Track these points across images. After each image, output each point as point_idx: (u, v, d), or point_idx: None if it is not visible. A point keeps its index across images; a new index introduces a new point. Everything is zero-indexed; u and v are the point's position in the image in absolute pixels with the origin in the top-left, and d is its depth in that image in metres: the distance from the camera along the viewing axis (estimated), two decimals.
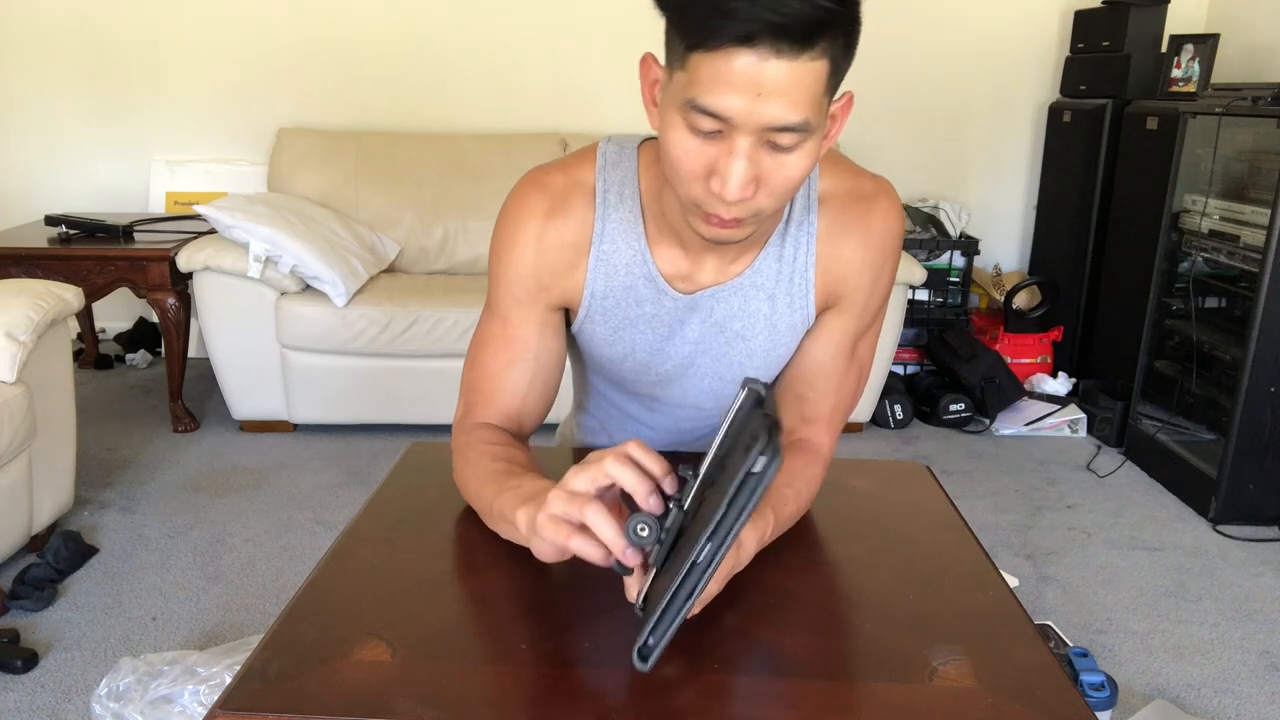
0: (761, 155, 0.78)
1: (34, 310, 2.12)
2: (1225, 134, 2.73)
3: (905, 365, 3.65)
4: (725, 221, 0.83)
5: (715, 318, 1.01)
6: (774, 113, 0.75)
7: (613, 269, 0.99)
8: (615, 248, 0.98)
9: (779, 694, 0.73)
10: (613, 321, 1.02)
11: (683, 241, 0.97)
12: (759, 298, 0.99)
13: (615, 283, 0.99)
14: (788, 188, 0.81)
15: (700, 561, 0.65)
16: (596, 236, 0.98)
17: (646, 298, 1.00)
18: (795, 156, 0.79)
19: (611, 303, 1.01)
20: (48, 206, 3.70)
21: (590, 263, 0.99)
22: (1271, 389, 2.53)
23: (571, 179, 0.98)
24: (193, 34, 3.65)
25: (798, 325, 1.02)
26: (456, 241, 3.44)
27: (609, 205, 0.98)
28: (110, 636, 1.99)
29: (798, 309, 1.00)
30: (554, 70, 3.73)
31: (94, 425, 3.11)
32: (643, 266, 0.99)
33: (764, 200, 0.81)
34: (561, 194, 0.98)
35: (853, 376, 1.05)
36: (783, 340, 1.02)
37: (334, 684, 0.73)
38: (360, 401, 3.02)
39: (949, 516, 1.06)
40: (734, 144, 0.77)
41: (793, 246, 0.98)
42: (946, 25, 3.74)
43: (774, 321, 1.01)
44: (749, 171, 0.78)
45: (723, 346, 1.02)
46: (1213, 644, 2.08)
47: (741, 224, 0.84)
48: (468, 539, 0.98)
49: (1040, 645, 0.81)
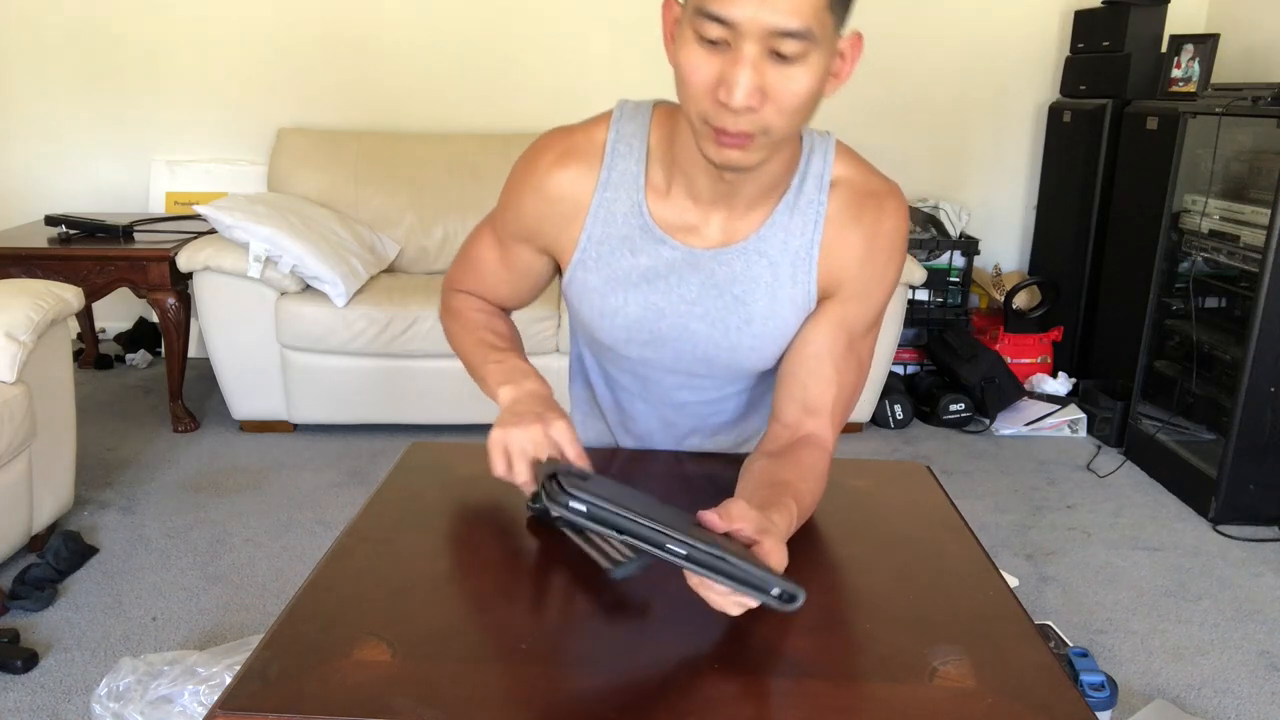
0: (766, 66, 0.81)
1: (34, 310, 2.12)
2: (1225, 134, 2.73)
3: (905, 365, 3.64)
4: (733, 138, 0.85)
5: (716, 279, 1.01)
6: (777, 17, 0.78)
7: (610, 216, 1.01)
8: (616, 196, 1.01)
9: (779, 694, 0.73)
10: (605, 271, 1.03)
11: (693, 191, 0.98)
12: (762, 264, 1.00)
13: (612, 230, 1.02)
14: (794, 104, 0.83)
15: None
16: (600, 184, 1.01)
17: (642, 249, 1.01)
18: (799, 70, 0.82)
19: (606, 249, 1.02)
20: (48, 206, 3.70)
21: (591, 209, 1.01)
22: (1271, 389, 2.53)
23: (587, 137, 1.03)
24: (193, 34, 3.65)
25: (798, 300, 1.02)
26: (456, 241, 3.44)
27: (617, 155, 1.01)
28: (110, 636, 1.99)
29: (800, 283, 1.01)
30: (554, 70, 3.73)
31: (94, 425, 3.11)
32: (639, 217, 1.01)
33: (770, 116, 0.83)
34: (571, 149, 1.02)
35: (852, 371, 1.04)
36: (781, 312, 1.02)
37: (334, 684, 0.73)
38: (360, 401, 3.02)
39: (949, 516, 1.06)
40: (740, 52, 0.80)
41: (801, 219, 1.00)
42: (946, 25, 3.74)
43: (775, 291, 1.01)
44: (754, 79, 0.81)
45: (720, 310, 1.03)
46: (1213, 644, 2.08)
47: (749, 143, 0.85)
48: (468, 539, 0.98)
49: (1040, 645, 0.81)
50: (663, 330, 1.05)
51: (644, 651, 0.78)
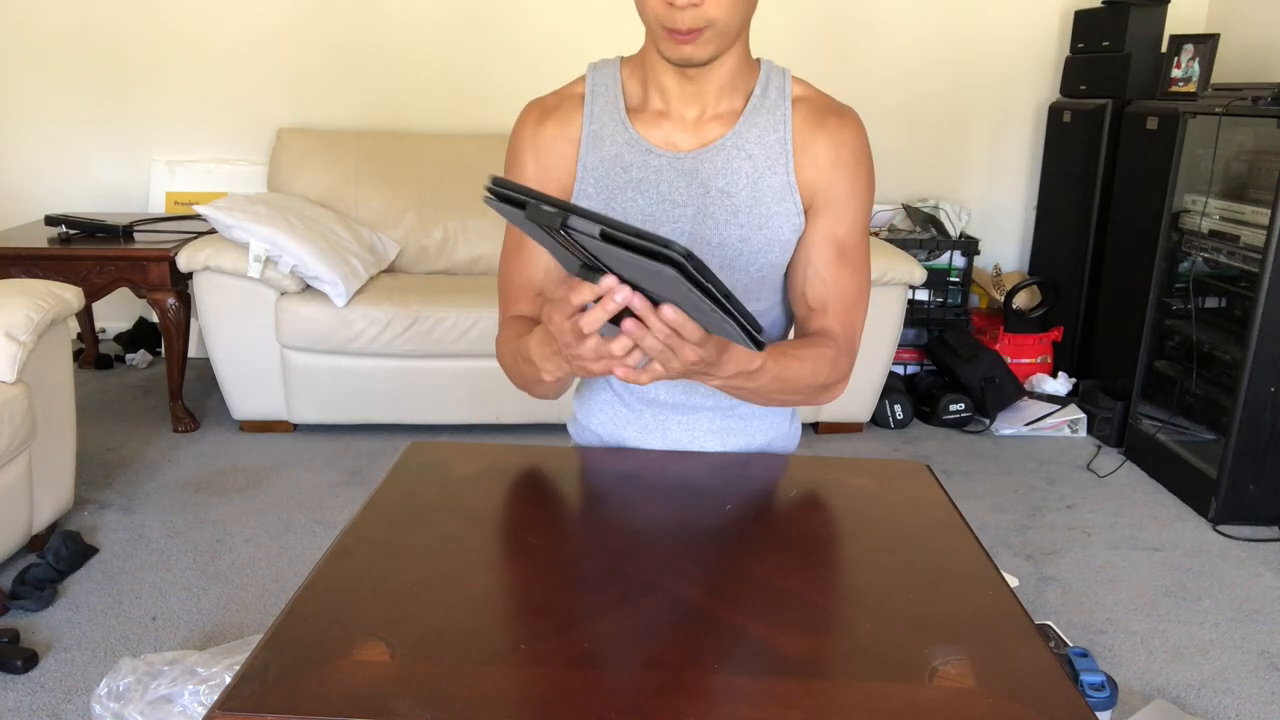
0: None
1: (34, 310, 2.12)
2: (1225, 134, 2.73)
3: (905, 365, 3.64)
4: (685, 35, 1.00)
5: (700, 177, 1.11)
6: None
7: (600, 140, 1.13)
8: (601, 125, 1.13)
9: (779, 694, 0.73)
10: (605, 191, 1.14)
11: (664, 99, 1.12)
12: (740, 157, 1.11)
13: (604, 153, 1.13)
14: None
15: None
16: (586, 120, 1.14)
17: (633, 163, 1.12)
18: None
19: (602, 171, 1.13)
20: (48, 206, 3.70)
21: (581, 144, 1.14)
22: (1271, 389, 2.53)
23: (560, 95, 1.17)
24: (193, 34, 3.65)
25: (778, 189, 1.11)
26: (456, 241, 3.44)
27: (596, 95, 1.15)
28: (110, 636, 1.99)
29: (778, 173, 1.11)
30: (554, 70, 3.73)
31: (94, 425, 3.11)
32: (624, 133, 1.13)
33: (711, 9, 0.98)
34: (552, 105, 1.17)
35: (848, 274, 1.14)
36: (764, 200, 1.11)
37: (333, 684, 0.73)
38: (360, 401, 3.02)
39: (949, 516, 1.06)
40: None
41: (769, 118, 1.12)
42: (947, 25, 3.74)
43: (756, 181, 1.11)
44: None
45: (707, 205, 1.12)
46: (1213, 644, 2.08)
47: (699, 35, 1.00)
48: (467, 539, 0.98)
49: (1040, 645, 0.81)
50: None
51: (644, 651, 0.78)
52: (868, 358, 3.07)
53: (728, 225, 1.11)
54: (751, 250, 1.13)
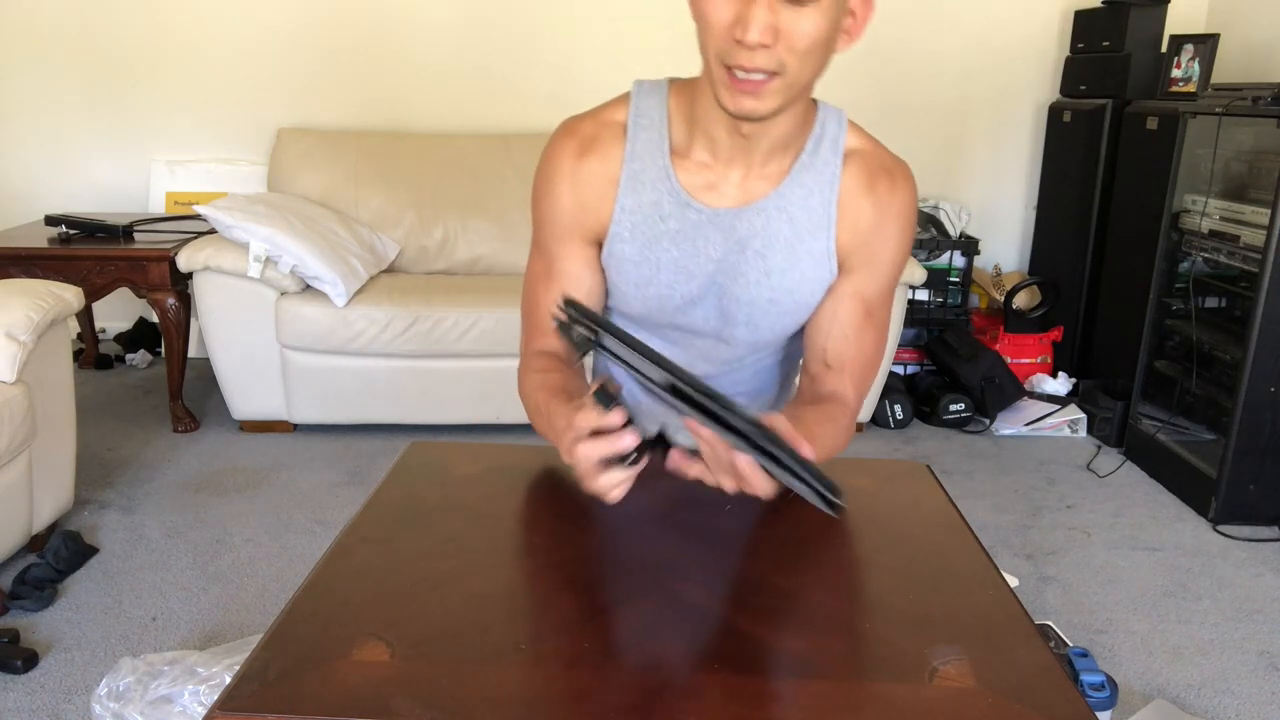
0: (780, 7, 0.89)
1: (34, 310, 2.12)
2: (1225, 134, 2.73)
3: (905, 365, 3.64)
4: (751, 84, 0.92)
5: (738, 235, 1.07)
6: None
7: (640, 184, 1.07)
8: (643, 165, 1.07)
9: (779, 693, 0.73)
10: (640, 239, 1.08)
11: (712, 148, 1.05)
12: (781, 219, 1.06)
13: (643, 198, 1.07)
14: (805, 44, 0.91)
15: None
16: (627, 158, 1.07)
17: (671, 213, 1.07)
18: (812, 12, 0.89)
19: (639, 218, 1.08)
20: (48, 206, 3.70)
21: (621, 182, 1.07)
22: (1271, 389, 2.53)
23: (600, 122, 1.09)
24: (193, 34, 3.65)
25: (816, 254, 1.07)
26: (456, 241, 3.44)
27: (640, 128, 1.07)
28: (110, 636, 1.99)
29: (819, 238, 1.07)
30: (554, 70, 3.73)
31: (94, 425, 3.11)
32: (666, 182, 1.06)
33: (784, 54, 0.91)
34: (591, 136, 1.08)
35: (871, 338, 1.11)
36: (800, 265, 1.07)
37: (333, 684, 0.73)
38: (360, 401, 3.02)
39: (949, 516, 1.06)
40: None
41: (817, 177, 1.06)
42: (946, 25, 3.74)
43: (794, 245, 1.07)
44: (768, 17, 0.88)
45: (741, 264, 1.08)
46: (1213, 644, 2.08)
47: (763, 87, 0.92)
48: (467, 539, 0.98)
49: (1040, 645, 0.81)
50: (692, 292, 1.10)
51: (644, 651, 0.78)
52: None
53: (759, 285, 1.08)
54: (779, 311, 1.10)
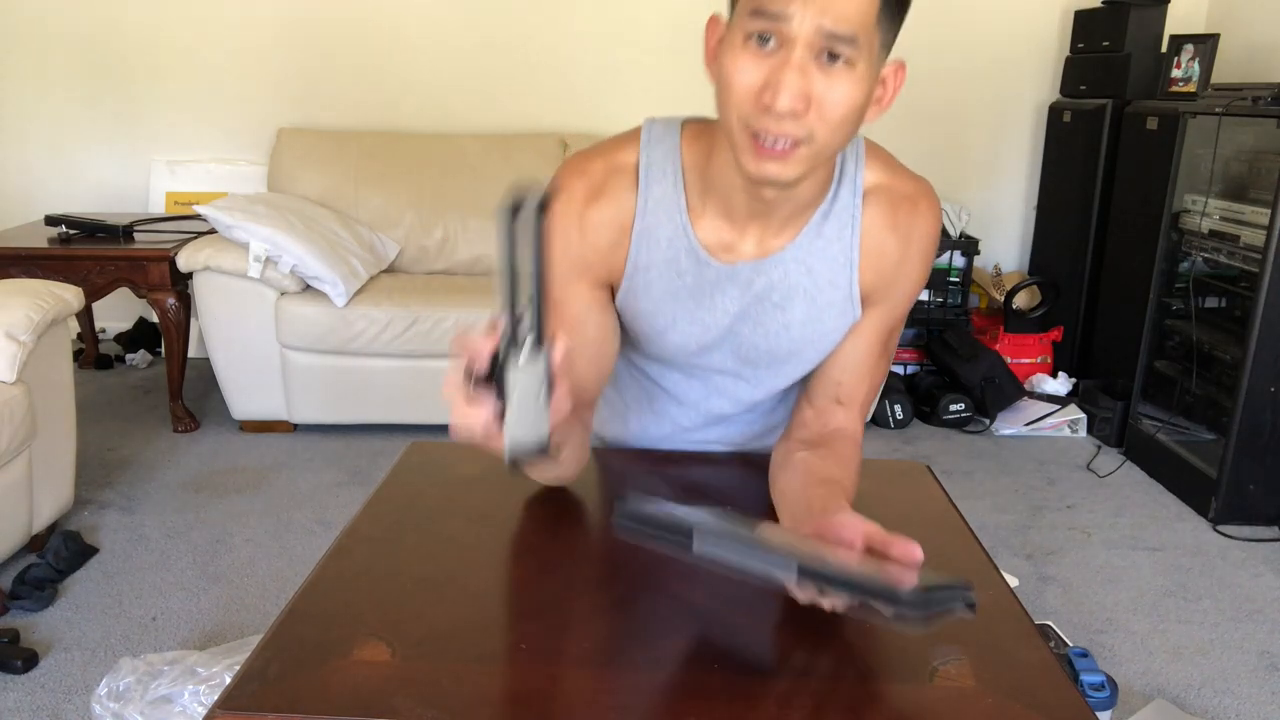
0: (813, 72, 0.82)
1: (34, 310, 2.12)
2: (1225, 134, 2.73)
3: (905, 365, 3.64)
4: (775, 151, 0.85)
5: (755, 289, 1.02)
6: (827, 19, 0.80)
7: (654, 242, 1.01)
8: (657, 221, 1.00)
9: (779, 693, 0.73)
10: (655, 294, 1.03)
11: (728, 209, 0.98)
12: (799, 271, 1.01)
13: (657, 255, 1.01)
14: (838, 114, 0.84)
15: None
16: (639, 212, 1.00)
17: (688, 269, 1.01)
18: (845, 81, 0.83)
19: (654, 274, 1.02)
20: (48, 206, 3.70)
21: (634, 236, 1.00)
22: (1271, 389, 2.53)
23: (611, 164, 1.01)
24: (193, 34, 3.65)
25: (838, 303, 1.02)
26: (456, 241, 3.44)
27: (651, 180, 1.00)
28: (110, 636, 1.99)
29: (840, 287, 1.01)
30: (554, 71, 3.73)
31: (94, 425, 3.11)
32: (684, 240, 1.00)
33: (814, 123, 0.84)
34: (601, 180, 1.00)
35: (884, 363, 1.09)
36: (821, 317, 1.03)
37: (334, 684, 0.73)
38: (360, 401, 3.02)
39: (949, 516, 1.06)
40: (789, 56, 0.82)
41: (836, 224, 1.00)
42: (947, 25, 3.74)
43: (814, 296, 1.02)
44: (801, 84, 0.82)
45: (760, 314, 1.03)
46: (1212, 644, 2.08)
47: (789, 155, 0.85)
48: (468, 539, 0.98)
49: (1040, 645, 0.81)
50: (709, 341, 1.06)
51: (644, 651, 0.78)
52: None
53: (778, 336, 1.04)
54: (798, 360, 1.07)
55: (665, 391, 1.17)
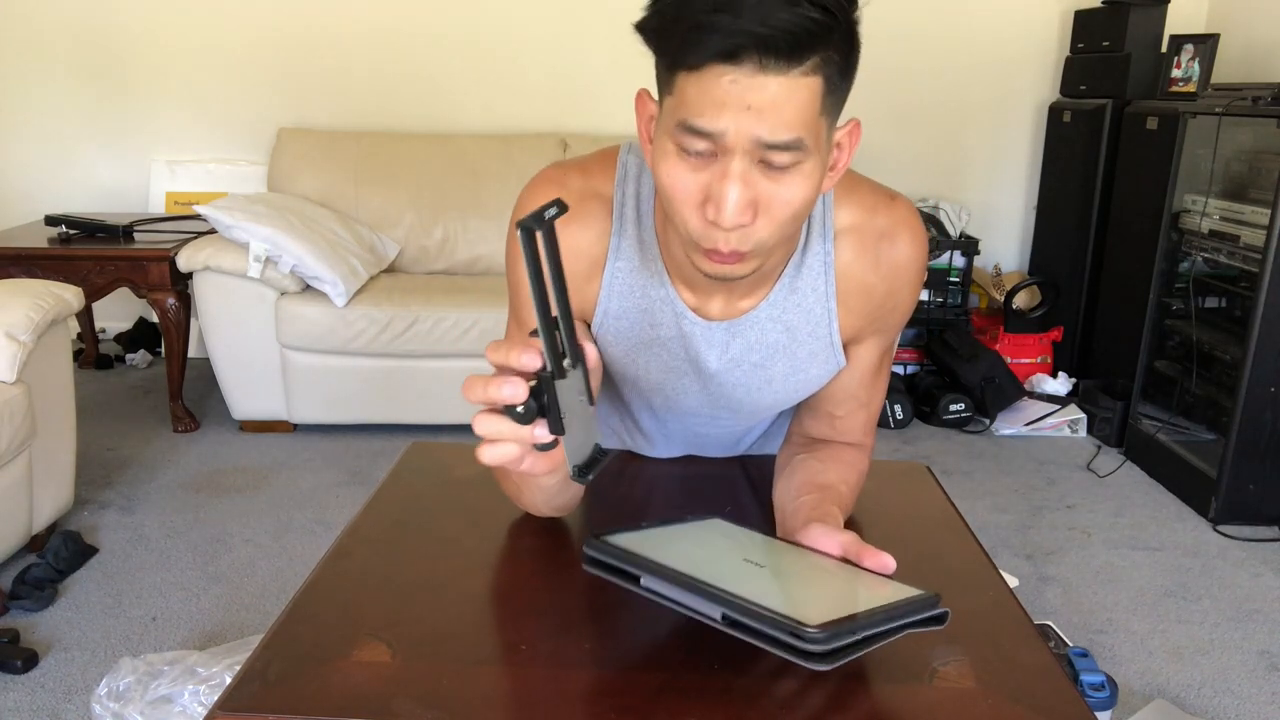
0: (757, 178, 0.75)
1: (34, 310, 2.12)
2: (1225, 134, 2.73)
3: (905, 365, 3.65)
4: (726, 256, 0.79)
5: (731, 353, 0.97)
6: (764, 130, 0.72)
7: (628, 289, 0.95)
8: (631, 265, 0.94)
9: (778, 694, 0.73)
10: (625, 343, 0.97)
11: (688, 279, 0.93)
12: (776, 330, 0.95)
13: (629, 304, 0.95)
14: (788, 214, 0.78)
15: None
16: (612, 252, 0.94)
17: (663, 321, 0.95)
18: (793, 180, 0.76)
19: (625, 324, 0.96)
20: (47, 206, 3.70)
21: (604, 280, 0.94)
22: (1271, 389, 2.53)
23: (590, 186, 0.94)
24: (193, 34, 3.65)
25: (819, 353, 0.97)
26: (456, 242, 3.44)
27: (625, 221, 0.93)
28: (110, 636, 1.99)
29: (820, 337, 0.96)
30: (554, 70, 3.73)
31: (94, 425, 3.11)
32: (660, 289, 0.94)
33: (764, 229, 0.78)
34: (578, 199, 0.93)
35: (880, 388, 1.06)
36: (802, 368, 0.98)
37: (334, 685, 0.73)
38: (360, 401, 3.02)
39: (949, 516, 1.06)
40: (727, 166, 0.74)
41: (809, 276, 0.93)
42: (947, 25, 3.74)
43: (793, 351, 0.97)
44: (744, 195, 0.75)
45: (740, 376, 0.99)
46: (1212, 644, 2.08)
47: (744, 258, 0.80)
48: (468, 539, 0.98)
49: (1040, 645, 0.81)
50: (682, 389, 1.02)
51: (644, 651, 0.78)
52: None
53: (761, 391, 1.00)
54: (784, 405, 1.04)
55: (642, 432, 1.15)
